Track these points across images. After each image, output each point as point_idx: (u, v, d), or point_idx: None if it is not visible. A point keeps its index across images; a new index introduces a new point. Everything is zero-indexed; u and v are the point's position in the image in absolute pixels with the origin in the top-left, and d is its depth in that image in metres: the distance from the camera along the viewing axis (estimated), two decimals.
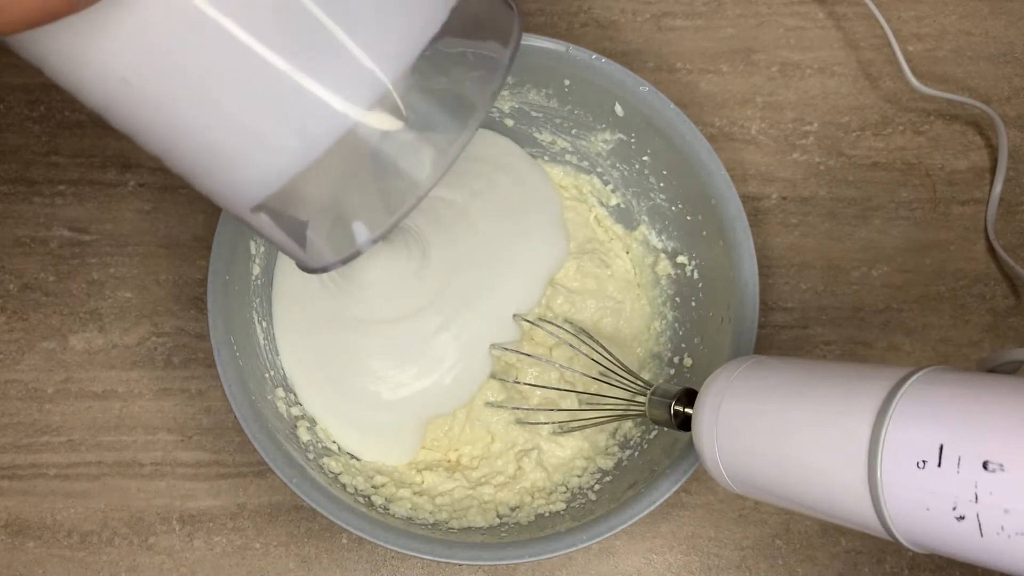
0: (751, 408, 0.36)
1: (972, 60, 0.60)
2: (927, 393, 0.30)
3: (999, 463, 0.27)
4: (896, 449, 0.30)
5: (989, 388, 0.30)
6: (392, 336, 0.51)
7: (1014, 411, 0.28)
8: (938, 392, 0.30)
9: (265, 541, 0.51)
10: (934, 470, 0.29)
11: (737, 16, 0.60)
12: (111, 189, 0.55)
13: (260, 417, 0.44)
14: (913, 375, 0.31)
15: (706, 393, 0.38)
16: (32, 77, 0.56)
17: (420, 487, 0.50)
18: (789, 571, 0.53)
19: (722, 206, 0.47)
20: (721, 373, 0.39)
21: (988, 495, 0.27)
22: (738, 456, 0.36)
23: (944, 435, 0.29)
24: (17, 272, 0.54)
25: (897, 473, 0.30)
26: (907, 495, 0.30)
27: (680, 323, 0.52)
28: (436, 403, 0.51)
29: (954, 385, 0.30)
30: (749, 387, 0.37)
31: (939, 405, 0.30)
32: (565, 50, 0.48)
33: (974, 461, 0.28)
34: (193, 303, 0.54)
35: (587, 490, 0.49)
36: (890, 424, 0.30)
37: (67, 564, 0.50)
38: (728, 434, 0.37)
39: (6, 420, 0.52)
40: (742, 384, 0.37)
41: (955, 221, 0.57)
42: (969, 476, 0.28)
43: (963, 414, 0.29)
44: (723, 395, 0.37)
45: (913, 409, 0.30)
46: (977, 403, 0.29)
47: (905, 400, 0.30)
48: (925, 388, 0.31)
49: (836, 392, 0.33)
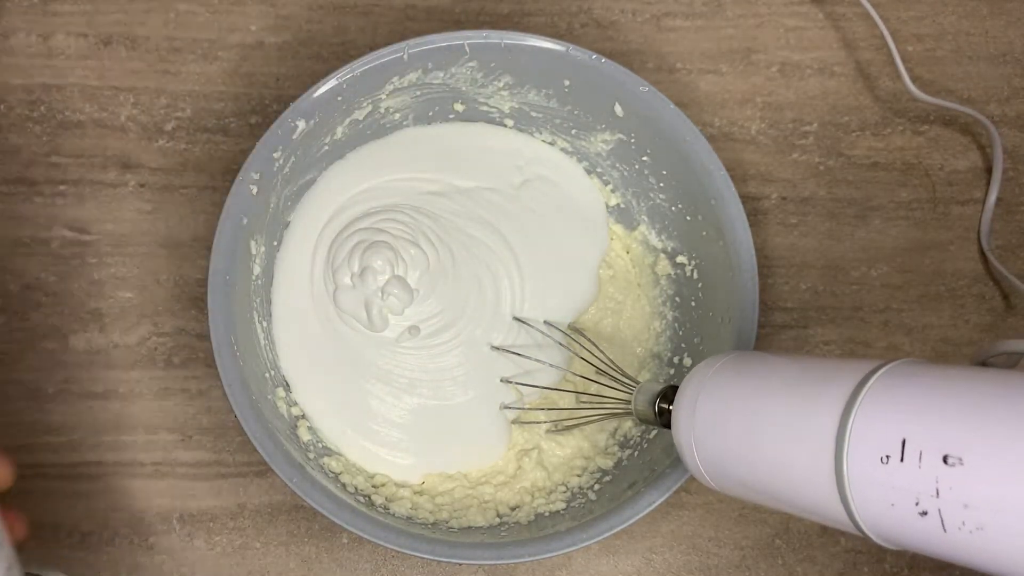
0: (725, 405, 0.36)
1: (971, 60, 0.60)
2: (892, 387, 0.30)
3: (958, 457, 0.27)
4: (861, 444, 0.29)
5: (952, 380, 0.29)
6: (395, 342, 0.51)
7: (974, 403, 0.28)
8: (903, 385, 0.30)
9: (265, 541, 0.51)
10: (897, 465, 0.28)
11: (737, 16, 0.60)
12: (111, 189, 0.55)
13: (260, 417, 0.44)
14: (880, 369, 0.31)
15: (684, 390, 0.38)
16: (32, 77, 0.56)
17: (420, 487, 0.50)
18: (789, 571, 0.53)
19: (722, 206, 0.47)
20: (699, 370, 0.38)
21: (948, 490, 0.27)
22: (715, 453, 0.36)
23: (906, 429, 0.28)
24: (18, 272, 0.54)
25: (862, 469, 0.29)
26: (873, 491, 0.29)
27: (680, 323, 0.52)
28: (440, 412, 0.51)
29: (919, 378, 0.30)
30: (724, 383, 0.37)
31: (903, 399, 0.29)
32: (565, 50, 0.48)
33: (935, 455, 0.27)
34: (193, 303, 0.54)
35: (587, 490, 0.49)
36: (855, 419, 0.30)
37: (67, 564, 0.50)
38: (705, 431, 0.36)
39: (7, 420, 0.52)
40: (718, 380, 0.37)
41: (955, 221, 0.58)
42: (930, 471, 0.27)
43: (925, 407, 0.29)
44: (699, 392, 0.37)
45: (877, 403, 0.30)
46: (939, 396, 0.29)
47: (870, 394, 0.30)
48: (891, 382, 0.30)
49: (806, 387, 0.33)
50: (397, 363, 0.51)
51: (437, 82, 0.51)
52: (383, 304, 0.50)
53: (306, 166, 0.50)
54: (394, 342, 0.51)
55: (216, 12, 0.58)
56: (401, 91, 0.50)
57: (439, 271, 0.51)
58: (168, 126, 0.56)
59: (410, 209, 0.52)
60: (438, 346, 0.51)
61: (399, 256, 0.50)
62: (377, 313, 0.50)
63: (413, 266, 0.50)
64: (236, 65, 0.57)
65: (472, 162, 0.54)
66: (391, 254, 0.50)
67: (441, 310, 0.51)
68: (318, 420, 0.50)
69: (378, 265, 0.50)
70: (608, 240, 0.54)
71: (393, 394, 0.51)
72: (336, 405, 0.50)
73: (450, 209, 0.53)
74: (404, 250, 0.50)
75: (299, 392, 0.50)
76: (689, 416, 0.37)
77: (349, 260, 0.50)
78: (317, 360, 0.50)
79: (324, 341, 0.51)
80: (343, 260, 0.50)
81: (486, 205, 0.53)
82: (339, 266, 0.50)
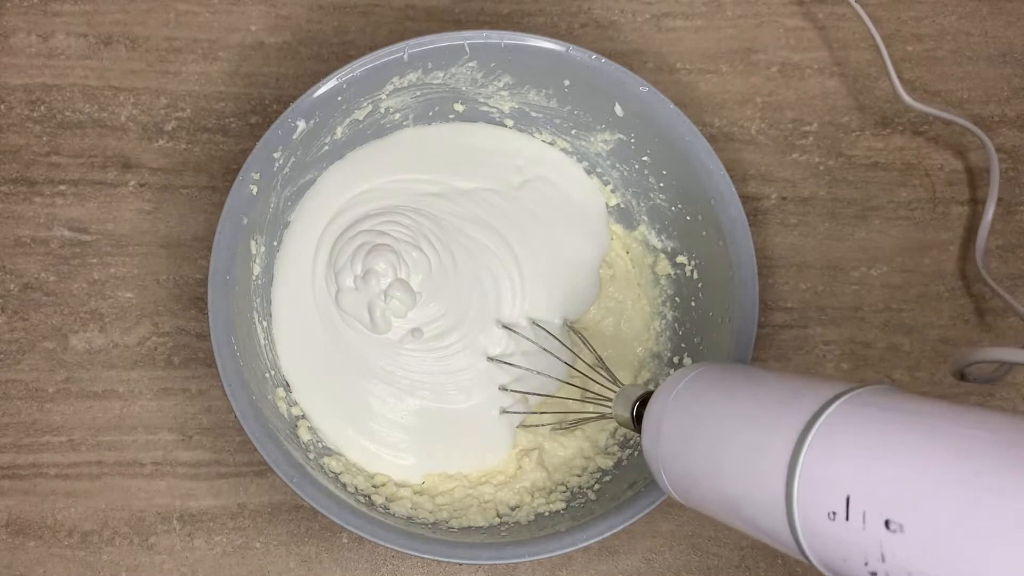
0: (687, 429, 0.35)
1: (971, 60, 0.60)
2: (840, 430, 0.28)
3: (899, 523, 0.25)
4: (809, 496, 0.28)
5: (903, 423, 0.27)
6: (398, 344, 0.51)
7: (918, 457, 0.25)
8: (851, 430, 0.28)
9: (266, 540, 0.51)
10: (843, 523, 0.26)
11: (737, 16, 0.60)
12: (111, 189, 0.55)
13: (260, 417, 0.44)
14: (829, 406, 0.28)
15: (651, 407, 0.37)
16: (32, 77, 0.56)
17: (420, 487, 0.50)
18: (788, 571, 0.53)
19: (722, 206, 0.47)
20: (664, 387, 0.37)
21: (892, 555, 0.25)
22: (680, 473, 0.35)
23: (851, 485, 0.26)
24: (18, 272, 0.54)
25: (812, 521, 0.28)
26: (824, 543, 0.27)
27: (680, 323, 0.52)
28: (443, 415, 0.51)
29: (869, 423, 0.27)
30: (686, 406, 0.35)
31: (849, 447, 0.27)
32: (565, 50, 0.48)
33: (877, 518, 0.25)
34: (193, 303, 0.54)
35: (587, 489, 0.49)
36: (801, 468, 0.28)
37: (67, 564, 0.50)
38: (668, 450, 0.35)
39: (7, 420, 0.52)
40: (680, 402, 0.36)
41: (954, 221, 0.58)
42: (874, 534, 0.25)
43: (870, 459, 0.26)
44: (663, 412, 0.36)
45: (824, 451, 0.28)
46: (885, 446, 0.26)
47: (817, 440, 0.28)
48: (839, 423, 0.28)
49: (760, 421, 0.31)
50: (400, 364, 0.51)
51: (437, 82, 0.51)
52: (386, 307, 0.50)
53: (306, 166, 0.51)
54: (397, 344, 0.51)
55: (216, 12, 0.58)
56: (401, 91, 0.50)
57: (440, 274, 0.51)
58: (168, 126, 0.56)
59: (411, 211, 0.52)
60: (442, 349, 0.51)
61: (401, 259, 0.50)
62: (380, 316, 0.50)
63: (415, 269, 0.50)
64: (236, 65, 0.57)
65: (472, 162, 0.54)
66: (393, 257, 0.50)
67: (444, 313, 0.51)
68: (318, 420, 0.50)
69: (381, 268, 0.50)
70: (609, 240, 0.54)
71: (395, 395, 0.51)
72: (336, 405, 0.50)
73: (450, 211, 0.53)
74: (406, 253, 0.50)
75: (299, 392, 0.50)
76: (655, 433, 0.36)
77: (352, 262, 0.50)
78: (317, 360, 0.50)
79: (325, 341, 0.51)
80: (346, 262, 0.50)
81: (486, 206, 0.53)
82: (341, 268, 0.50)
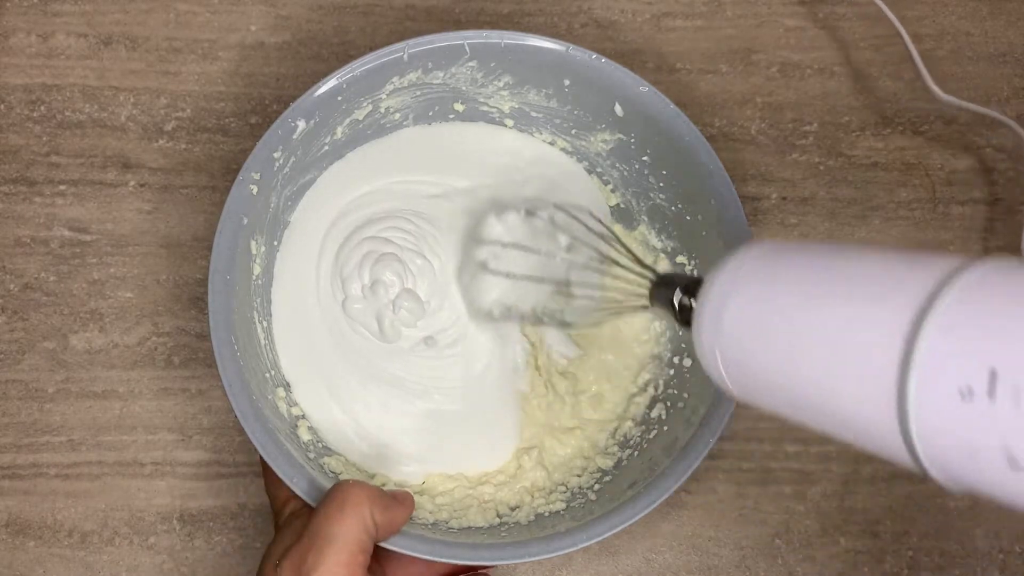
0: (759, 312, 0.30)
1: (971, 60, 0.60)
2: (983, 296, 0.23)
3: None
4: (932, 372, 0.23)
5: None
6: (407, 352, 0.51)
7: None
8: (998, 295, 0.23)
9: (265, 541, 0.51)
10: (983, 403, 0.21)
11: (737, 16, 0.60)
12: (111, 189, 0.55)
13: (260, 417, 0.44)
14: (966, 268, 0.23)
15: (709, 291, 0.32)
16: (32, 77, 0.56)
17: (420, 487, 0.50)
18: (789, 571, 0.53)
19: (722, 206, 0.47)
20: (726, 265, 0.32)
21: None
22: (744, 365, 0.30)
23: (999, 357, 0.21)
24: (18, 272, 0.54)
25: (933, 403, 0.23)
26: (947, 434, 0.23)
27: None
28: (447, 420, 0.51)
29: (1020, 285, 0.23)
30: (758, 283, 0.30)
31: (996, 314, 0.22)
32: (565, 50, 0.48)
33: None
34: (193, 303, 0.54)
35: (587, 490, 0.49)
36: (924, 337, 0.23)
37: (67, 564, 0.50)
38: (732, 340, 0.30)
39: (6, 420, 0.52)
40: (750, 279, 0.31)
41: (954, 221, 0.58)
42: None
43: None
44: (727, 294, 0.31)
45: (958, 317, 0.23)
46: None
47: (949, 304, 0.23)
48: (980, 289, 0.23)
49: (864, 290, 0.26)
50: (406, 369, 0.50)
51: (437, 82, 0.51)
52: (395, 318, 0.50)
53: (306, 166, 0.51)
54: (408, 351, 0.50)
55: (216, 12, 0.58)
56: (401, 91, 0.50)
57: (445, 279, 0.51)
58: (168, 126, 0.56)
59: (412, 215, 0.52)
60: (451, 356, 0.51)
61: (407, 268, 0.50)
62: (389, 326, 0.50)
63: (421, 276, 0.50)
64: (236, 65, 0.57)
65: (472, 162, 0.54)
66: (400, 267, 0.50)
67: (455, 321, 0.51)
68: (318, 420, 0.50)
69: (388, 279, 0.49)
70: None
71: (399, 397, 0.50)
72: (337, 405, 0.50)
73: (451, 211, 0.52)
74: (411, 261, 0.50)
75: (299, 392, 0.50)
76: (715, 321, 0.31)
77: (359, 271, 0.50)
78: (318, 360, 0.50)
79: (327, 342, 0.50)
80: (352, 270, 0.50)
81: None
82: (348, 276, 0.50)
